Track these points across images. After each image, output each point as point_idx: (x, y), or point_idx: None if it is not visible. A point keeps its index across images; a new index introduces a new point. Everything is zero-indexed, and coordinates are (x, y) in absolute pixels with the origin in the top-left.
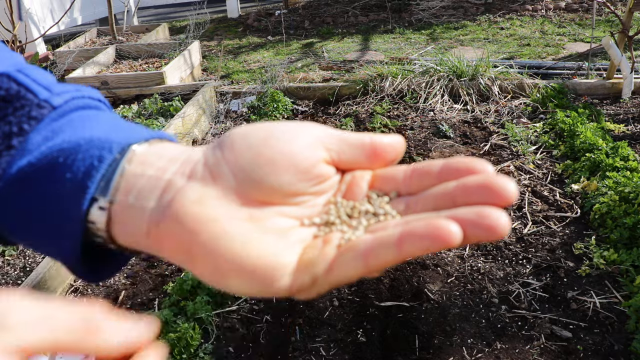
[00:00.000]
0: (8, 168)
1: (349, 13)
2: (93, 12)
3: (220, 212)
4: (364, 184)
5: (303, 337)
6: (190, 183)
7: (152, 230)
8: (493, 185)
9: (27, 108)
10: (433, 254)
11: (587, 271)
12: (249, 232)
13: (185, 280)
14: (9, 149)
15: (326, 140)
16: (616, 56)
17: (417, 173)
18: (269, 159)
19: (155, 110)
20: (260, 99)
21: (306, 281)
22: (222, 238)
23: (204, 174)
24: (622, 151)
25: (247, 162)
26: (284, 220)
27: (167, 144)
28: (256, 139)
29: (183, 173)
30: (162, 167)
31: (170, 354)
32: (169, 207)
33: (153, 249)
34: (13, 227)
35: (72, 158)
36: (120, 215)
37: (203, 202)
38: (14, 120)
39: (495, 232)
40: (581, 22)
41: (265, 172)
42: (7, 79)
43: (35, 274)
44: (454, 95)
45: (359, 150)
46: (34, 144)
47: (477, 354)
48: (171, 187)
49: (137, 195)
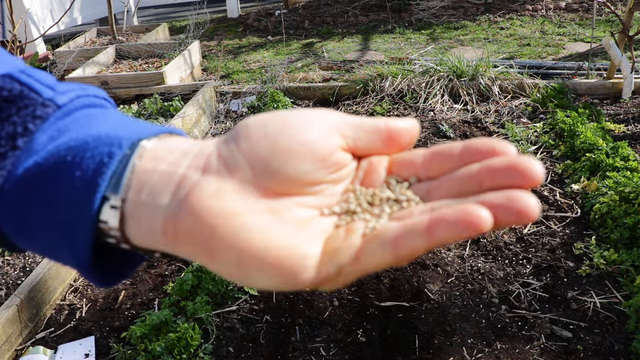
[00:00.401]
0: (14, 169)
1: (349, 13)
2: (93, 12)
3: (239, 205)
4: (382, 170)
5: (303, 337)
6: (205, 177)
7: (168, 228)
8: (520, 166)
9: (31, 107)
10: (433, 253)
11: (587, 271)
12: (270, 224)
13: (185, 280)
14: (14, 149)
15: (342, 126)
16: (616, 56)
17: (437, 156)
18: (286, 149)
19: (155, 110)
20: (260, 99)
21: (332, 272)
22: (243, 232)
23: (219, 166)
24: (623, 151)
25: (263, 152)
26: (304, 210)
27: (176, 138)
28: (272, 128)
29: (197, 167)
30: (174, 161)
31: (170, 354)
32: (184, 203)
33: (169, 246)
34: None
35: (81, 156)
36: (134, 214)
37: (220, 195)
38: (18, 121)
39: (527, 216)
40: (581, 22)
41: (283, 162)
42: (10, 80)
43: (35, 274)
44: (454, 95)
45: (374, 136)
46: (40, 143)
47: (477, 354)
48: (186, 182)
49: (150, 192)
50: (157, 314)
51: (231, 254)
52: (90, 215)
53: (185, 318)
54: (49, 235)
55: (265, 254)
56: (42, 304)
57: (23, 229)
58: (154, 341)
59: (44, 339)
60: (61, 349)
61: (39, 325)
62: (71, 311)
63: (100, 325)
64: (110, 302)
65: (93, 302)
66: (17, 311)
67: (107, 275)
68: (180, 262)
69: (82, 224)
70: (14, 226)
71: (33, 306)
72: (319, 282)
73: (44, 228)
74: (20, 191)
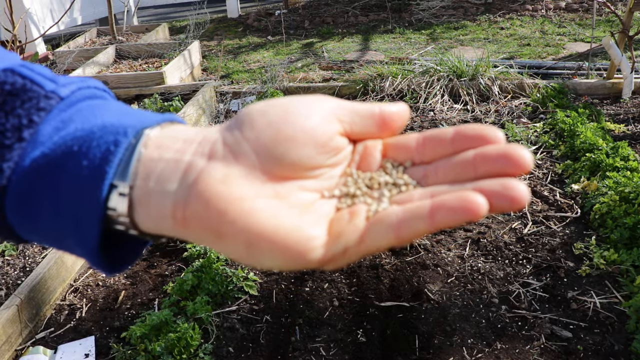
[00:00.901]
0: (21, 161)
1: (349, 13)
2: (93, 12)
3: (246, 190)
4: (377, 154)
5: (303, 337)
6: (212, 163)
7: (177, 213)
8: (512, 154)
9: (35, 100)
10: (433, 253)
11: (587, 271)
12: (277, 208)
13: (185, 280)
14: (20, 141)
15: (339, 112)
16: (616, 56)
17: (430, 141)
18: (289, 136)
19: (155, 110)
20: (260, 98)
21: (338, 252)
22: (252, 215)
23: (225, 153)
24: (623, 151)
25: (268, 139)
26: (306, 194)
27: (179, 126)
28: (275, 115)
29: (202, 153)
30: (179, 149)
31: (170, 354)
32: (193, 188)
33: (178, 231)
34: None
35: (87, 145)
36: (142, 200)
37: (228, 181)
38: (22, 113)
39: (519, 203)
40: (581, 22)
41: (286, 148)
42: (12, 74)
43: (35, 274)
44: (454, 95)
45: (369, 121)
46: (45, 135)
47: (477, 354)
48: (193, 168)
49: (157, 179)
50: (157, 314)
51: (241, 236)
52: (99, 203)
53: (185, 318)
54: (56, 224)
55: (275, 236)
56: (42, 304)
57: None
58: (154, 341)
59: (44, 339)
60: (61, 349)
61: (39, 325)
62: (71, 311)
63: (100, 325)
64: (110, 302)
65: (93, 302)
66: (17, 311)
67: (113, 262)
68: (180, 262)
69: (90, 211)
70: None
71: (33, 306)
72: (325, 261)
73: (51, 217)
74: (27, 182)
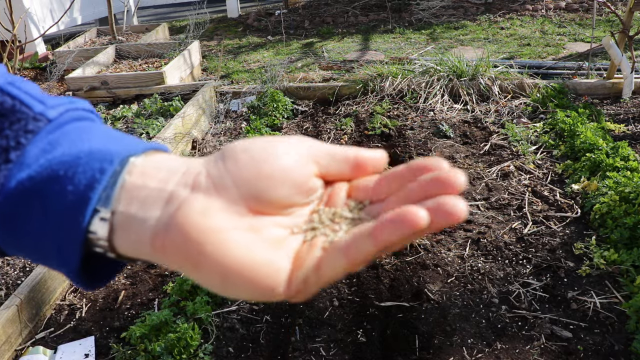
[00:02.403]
0: (7, 182)
1: (349, 13)
2: (93, 12)
3: (224, 222)
4: (343, 194)
5: (303, 337)
6: (194, 194)
7: (156, 240)
8: (443, 178)
9: (24, 121)
10: (433, 254)
11: (587, 271)
12: (252, 242)
13: (185, 280)
14: (6, 162)
15: (317, 154)
16: (616, 56)
17: (385, 179)
18: (269, 174)
19: (155, 110)
20: (260, 98)
21: (300, 283)
22: (227, 248)
23: (208, 185)
24: (623, 151)
25: (250, 175)
26: (279, 230)
27: (163, 155)
28: (257, 153)
29: (185, 184)
30: (163, 178)
31: (170, 354)
32: (173, 218)
33: (155, 257)
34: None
35: (73, 171)
36: (123, 226)
37: (207, 213)
38: (10, 135)
39: (454, 216)
40: (581, 22)
41: (267, 186)
42: (1, 93)
43: (35, 274)
44: (454, 95)
45: (343, 164)
46: (32, 157)
47: (477, 354)
48: (175, 198)
49: (140, 206)
50: (157, 314)
51: (216, 269)
52: (81, 228)
53: (185, 318)
54: (39, 244)
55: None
56: (42, 304)
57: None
58: (154, 341)
59: (43, 339)
60: (61, 349)
61: (38, 325)
62: (71, 311)
63: (100, 325)
64: (110, 302)
65: (93, 302)
66: (17, 311)
67: (92, 279)
68: None
69: (73, 235)
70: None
71: (33, 306)
72: (292, 294)
73: (34, 237)
74: (12, 203)
